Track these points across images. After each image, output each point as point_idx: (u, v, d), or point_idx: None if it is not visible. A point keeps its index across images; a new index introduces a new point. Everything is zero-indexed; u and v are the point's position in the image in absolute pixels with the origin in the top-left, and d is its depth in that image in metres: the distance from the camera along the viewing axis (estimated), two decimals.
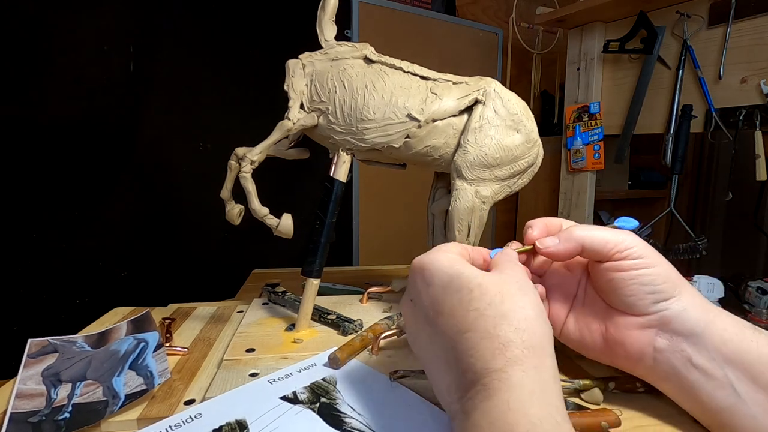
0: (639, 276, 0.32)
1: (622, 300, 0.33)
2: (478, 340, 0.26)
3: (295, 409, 0.33)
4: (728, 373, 0.29)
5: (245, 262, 0.93)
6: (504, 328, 0.26)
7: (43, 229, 1.12)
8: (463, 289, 0.28)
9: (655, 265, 0.32)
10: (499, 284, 0.28)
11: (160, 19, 1.24)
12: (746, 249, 1.86)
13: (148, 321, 0.49)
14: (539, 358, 0.25)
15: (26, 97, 1.08)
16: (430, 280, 0.30)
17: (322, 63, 0.49)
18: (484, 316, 0.26)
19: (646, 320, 0.32)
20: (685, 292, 0.32)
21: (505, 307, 0.27)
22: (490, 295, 0.27)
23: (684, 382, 0.31)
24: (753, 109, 1.11)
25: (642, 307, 0.32)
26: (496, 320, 0.26)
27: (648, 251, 0.32)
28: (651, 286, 0.31)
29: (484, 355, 0.25)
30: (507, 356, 0.25)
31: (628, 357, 0.33)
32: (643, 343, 0.32)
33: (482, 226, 0.49)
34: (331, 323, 0.49)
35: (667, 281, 0.31)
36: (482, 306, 0.27)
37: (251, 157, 0.46)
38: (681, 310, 0.31)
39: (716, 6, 1.16)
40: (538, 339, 0.26)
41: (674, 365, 0.31)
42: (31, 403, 0.35)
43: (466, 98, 0.47)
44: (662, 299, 0.31)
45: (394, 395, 0.35)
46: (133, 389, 0.36)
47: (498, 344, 0.25)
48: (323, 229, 0.48)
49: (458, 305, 0.27)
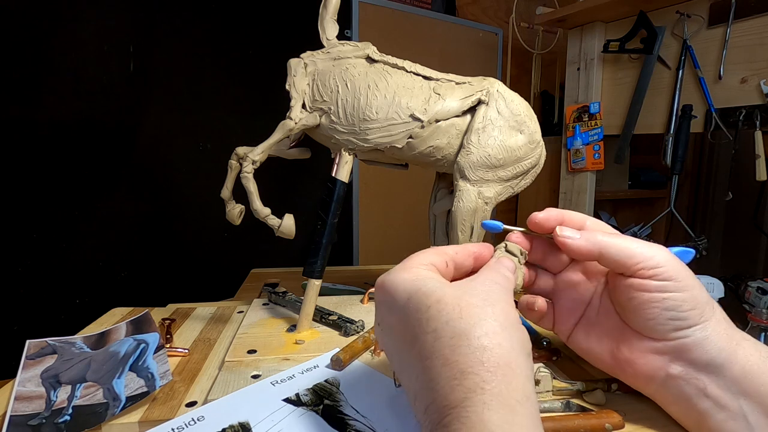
0: (663, 300, 0.29)
1: (639, 322, 0.30)
2: (438, 368, 0.23)
3: (298, 411, 0.32)
4: (743, 405, 0.27)
5: (245, 261, 0.92)
6: (462, 350, 0.23)
7: (43, 229, 1.12)
8: (421, 307, 0.25)
9: (684, 289, 0.28)
10: (459, 297, 0.25)
11: (160, 19, 1.23)
12: (746, 249, 1.86)
13: (148, 322, 0.49)
14: (506, 379, 0.22)
15: (26, 97, 1.08)
16: (390, 302, 0.27)
17: (324, 62, 0.49)
18: (441, 339, 0.23)
19: (662, 345, 0.30)
20: (712, 318, 0.29)
21: (463, 323, 0.23)
22: (447, 311, 0.24)
23: (694, 409, 0.29)
24: (753, 109, 1.11)
25: (661, 332, 0.29)
26: (453, 341, 0.23)
27: (681, 273, 0.29)
28: (674, 312, 0.28)
29: (444, 387, 0.22)
30: (466, 386, 0.22)
31: (636, 377, 0.32)
32: (654, 367, 0.30)
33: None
34: (332, 324, 0.49)
35: (694, 308, 0.28)
36: (440, 326, 0.24)
37: (253, 156, 0.46)
38: (703, 339, 0.28)
39: (716, 6, 1.16)
40: (504, 355, 0.23)
41: (686, 392, 0.29)
42: (30, 406, 0.34)
43: (469, 99, 0.47)
44: (685, 327, 0.29)
45: (398, 397, 0.35)
46: (134, 391, 0.35)
47: (456, 372, 0.22)
48: (325, 230, 0.48)
49: (417, 326, 0.25)
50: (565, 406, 0.34)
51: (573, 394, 0.36)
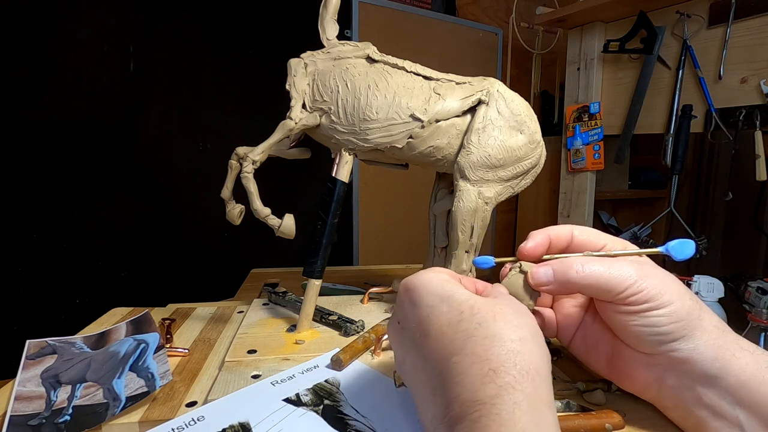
0: (642, 318, 0.29)
1: (626, 338, 0.31)
2: (467, 365, 0.23)
3: (298, 411, 0.32)
4: (740, 414, 0.28)
5: (245, 262, 0.92)
6: (496, 350, 0.23)
7: (43, 229, 1.12)
8: (453, 310, 0.26)
9: (664, 305, 0.29)
10: (492, 305, 0.26)
11: (160, 19, 1.23)
12: (746, 249, 1.86)
13: (148, 322, 0.49)
14: (533, 385, 0.23)
15: (26, 97, 1.08)
16: (418, 300, 0.28)
17: (324, 62, 0.49)
18: (473, 338, 0.24)
19: (653, 359, 0.30)
20: (699, 329, 0.29)
21: (497, 326, 0.25)
22: (481, 315, 0.25)
23: (692, 416, 0.30)
24: (753, 109, 1.11)
25: (647, 346, 0.30)
26: (486, 342, 0.24)
27: (662, 289, 0.29)
28: (655, 328, 0.29)
29: (473, 382, 0.23)
30: (498, 383, 0.22)
31: (633, 385, 0.33)
32: (649, 379, 0.31)
33: (485, 226, 0.49)
34: (332, 324, 0.49)
35: (676, 321, 0.29)
36: (472, 327, 0.25)
37: (253, 156, 0.46)
38: (691, 351, 0.29)
39: (716, 6, 1.16)
40: (535, 362, 0.24)
41: (681, 400, 0.30)
42: (30, 406, 0.34)
43: (470, 99, 0.47)
44: (669, 341, 0.29)
45: (398, 398, 0.35)
46: (134, 391, 0.35)
47: (488, 369, 0.23)
48: (325, 230, 0.48)
49: (446, 326, 0.26)
50: (566, 406, 0.34)
51: (573, 394, 0.36)
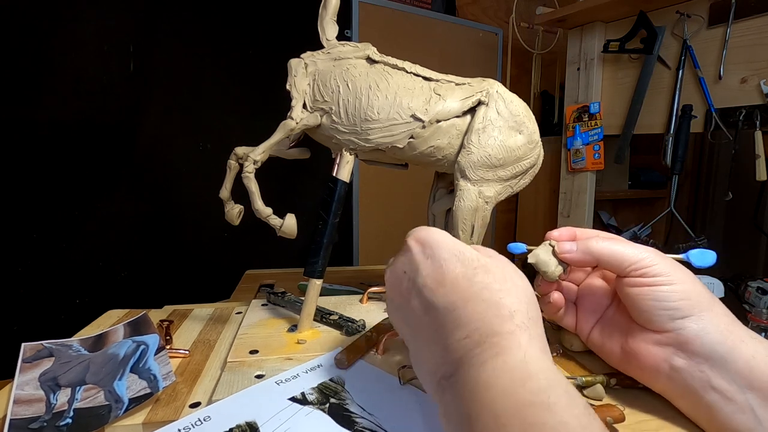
0: (653, 292, 0.32)
1: (638, 314, 0.33)
2: (484, 308, 0.27)
3: (305, 410, 0.32)
4: (750, 398, 0.28)
5: (244, 262, 0.92)
6: (511, 299, 0.27)
7: (43, 229, 1.12)
8: (468, 266, 0.29)
9: (673, 282, 0.32)
10: (501, 267, 0.30)
11: (160, 19, 1.23)
12: (746, 249, 1.87)
13: (146, 323, 0.49)
14: (540, 329, 0.27)
15: (26, 97, 1.08)
16: (432, 253, 0.30)
17: (324, 62, 0.49)
18: (489, 289, 0.28)
19: (663, 337, 0.32)
20: (708, 311, 0.31)
21: (508, 284, 0.28)
22: (493, 273, 0.29)
23: (701, 403, 0.30)
24: (753, 109, 1.11)
25: (658, 323, 0.32)
26: (502, 293, 0.27)
27: (671, 269, 0.32)
28: (665, 302, 0.31)
29: (492, 321, 0.26)
30: (515, 323, 0.26)
31: (642, 369, 0.34)
32: (658, 358, 0.32)
33: (485, 225, 0.49)
34: (333, 324, 0.49)
35: (685, 299, 0.31)
36: (487, 280, 0.28)
37: (254, 156, 0.46)
38: (699, 330, 0.30)
39: (716, 6, 1.16)
40: (538, 313, 0.28)
41: (691, 385, 0.31)
42: (30, 409, 0.34)
43: (470, 99, 0.47)
44: (678, 317, 0.31)
45: (403, 395, 0.35)
46: (137, 393, 0.35)
47: (506, 312, 0.26)
48: (326, 229, 0.48)
49: (462, 278, 0.28)
50: None
51: None
